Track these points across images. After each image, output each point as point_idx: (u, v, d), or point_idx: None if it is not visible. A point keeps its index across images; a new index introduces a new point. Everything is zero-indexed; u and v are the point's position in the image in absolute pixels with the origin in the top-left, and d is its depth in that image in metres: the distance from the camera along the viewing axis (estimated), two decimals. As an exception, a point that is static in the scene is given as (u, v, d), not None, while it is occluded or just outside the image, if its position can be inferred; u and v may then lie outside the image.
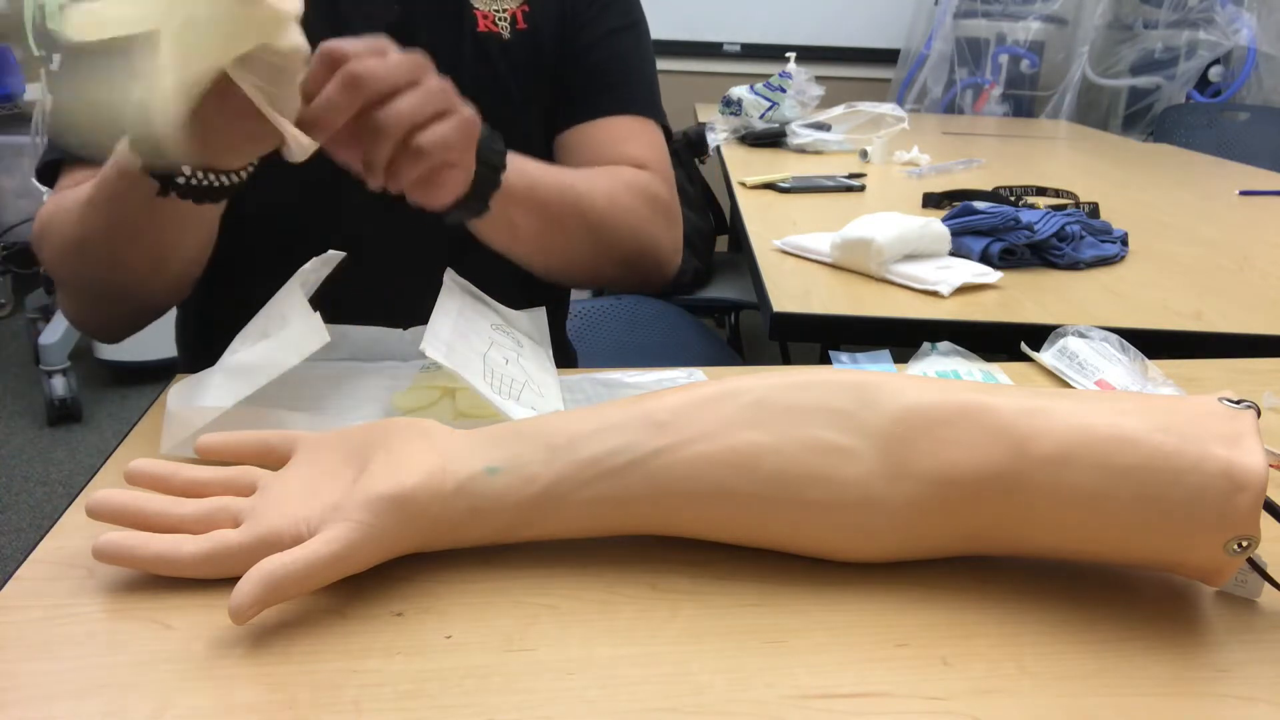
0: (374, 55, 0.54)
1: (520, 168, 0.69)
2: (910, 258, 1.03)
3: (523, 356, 0.63)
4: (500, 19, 0.85)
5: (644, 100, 0.90)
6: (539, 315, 0.70)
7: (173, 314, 0.99)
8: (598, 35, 0.88)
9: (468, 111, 0.58)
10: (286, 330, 0.56)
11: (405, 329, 0.68)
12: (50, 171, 0.78)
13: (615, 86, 0.88)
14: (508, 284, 0.91)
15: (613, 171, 0.83)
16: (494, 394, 0.55)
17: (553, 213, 0.74)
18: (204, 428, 0.54)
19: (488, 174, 0.64)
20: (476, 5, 0.84)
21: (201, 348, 0.93)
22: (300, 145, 0.52)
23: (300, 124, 0.53)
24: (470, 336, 0.60)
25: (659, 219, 0.84)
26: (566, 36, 0.88)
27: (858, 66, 3.44)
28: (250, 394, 0.54)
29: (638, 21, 0.92)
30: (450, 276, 0.63)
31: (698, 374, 0.68)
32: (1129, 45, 3.03)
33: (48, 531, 0.48)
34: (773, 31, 3.41)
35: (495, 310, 0.66)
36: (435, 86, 0.56)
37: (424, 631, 0.41)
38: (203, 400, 0.55)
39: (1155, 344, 0.75)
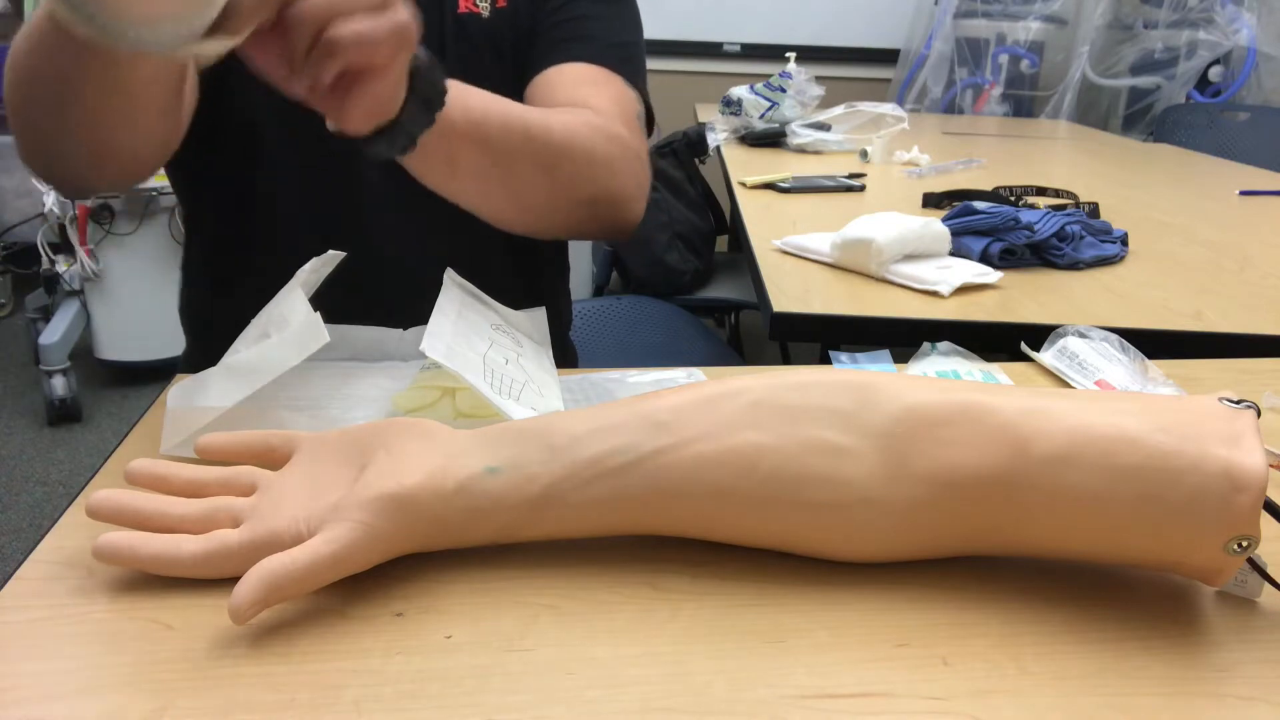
0: None
1: (463, 100, 0.63)
2: (910, 258, 1.03)
3: (523, 356, 0.63)
4: None
5: (610, 56, 0.84)
6: (539, 315, 0.70)
7: (175, 308, 0.99)
8: (567, 1, 0.85)
9: (405, 15, 0.51)
10: (287, 330, 0.56)
11: (405, 329, 0.68)
12: None
13: (579, 40, 0.83)
14: (510, 280, 0.92)
15: (571, 110, 0.77)
16: (494, 394, 0.55)
17: (499, 149, 0.67)
18: (204, 427, 0.54)
19: (419, 111, 0.58)
20: None
21: (204, 342, 0.93)
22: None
23: (224, 16, 0.45)
24: (470, 336, 0.60)
25: (621, 158, 0.78)
26: (538, 6, 0.86)
27: (858, 66, 3.44)
28: (250, 394, 0.54)
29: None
30: (450, 276, 0.63)
31: (698, 374, 0.68)
32: (1129, 45, 3.03)
33: (48, 531, 0.48)
34: (773, 31, 3.41)
35: (495, 310, 0.66)
36: None
37: (424, 631, 0.41)
38: (203, 400, 0.56)
39: (1155, 344, 0.75)
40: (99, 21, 0.42)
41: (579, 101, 0.80)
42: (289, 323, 0.57)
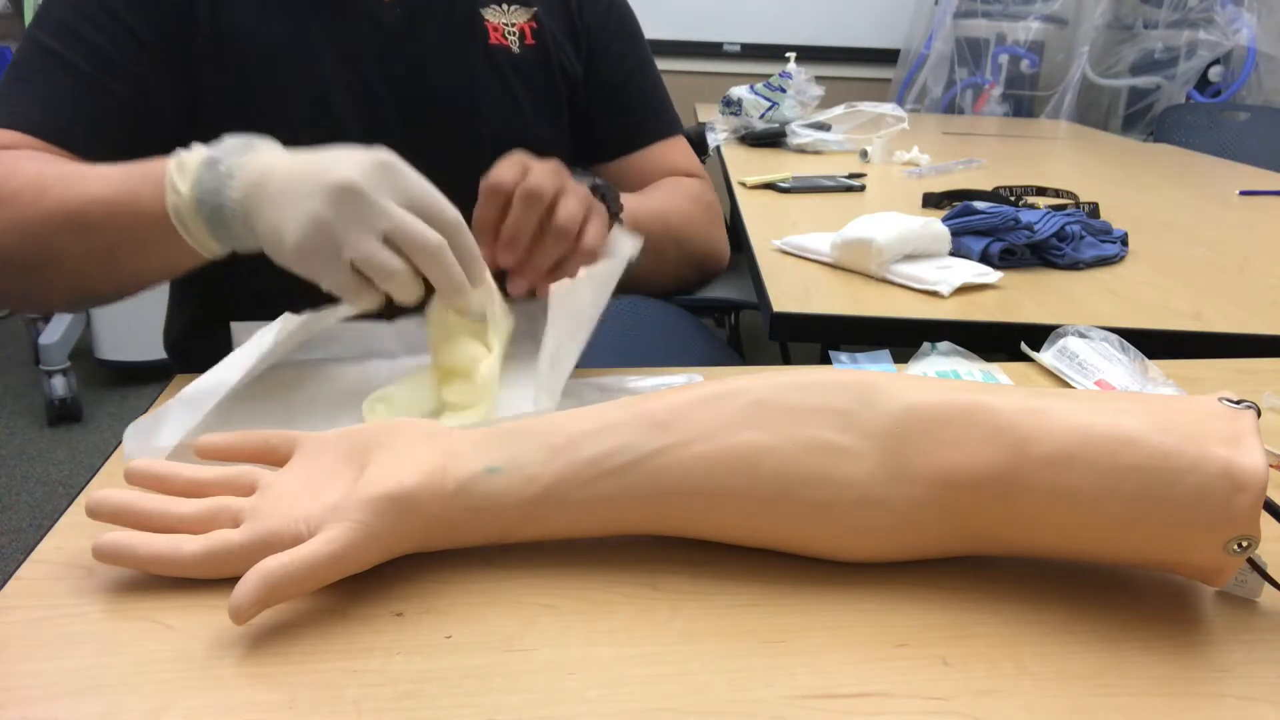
0: (522, 171, 0.63)
1: (628, 210, 0.75)
2: (910, 258, 1.03)
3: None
4: (509, 33, 0.88)
5: (675, 120, 1.01)
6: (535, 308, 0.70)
7: (161, 318, 0.99)
8: (625, 71, 0.96)
9: (584, 191, 0.66)
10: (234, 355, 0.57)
11: (391, 320, 0.67)
12: None
13: (654, 114, 0.99)
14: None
15: (675, 185, 0.94)
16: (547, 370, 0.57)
17: (654, 242, 0.79)
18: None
19: (616, 227, 0.72)
20: (488, 18, 0.86)
21: (192, 353, 0.93)
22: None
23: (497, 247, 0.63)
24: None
25: (716, 222, 0.96)
26: (587, 63, 0.93)
27: (858, 66, 3.44)
28: (203, 419, 0.54)
29: (644, 41, 0.99)
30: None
31: (697, 379, 0.67)
32: (1129, 45, 3.02)
33: (48, 531, 0.48)
34: (773, 31, 3.41)
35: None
36: (576, 188, 0.65)
37: (424, 631, 0.41)
38: (158, 438, 0.54)
39: (1155, 344, 0.75)
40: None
41: (672, 169, 0.97)
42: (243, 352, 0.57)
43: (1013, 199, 1.42)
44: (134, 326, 2.48)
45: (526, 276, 0.64)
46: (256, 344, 0.57)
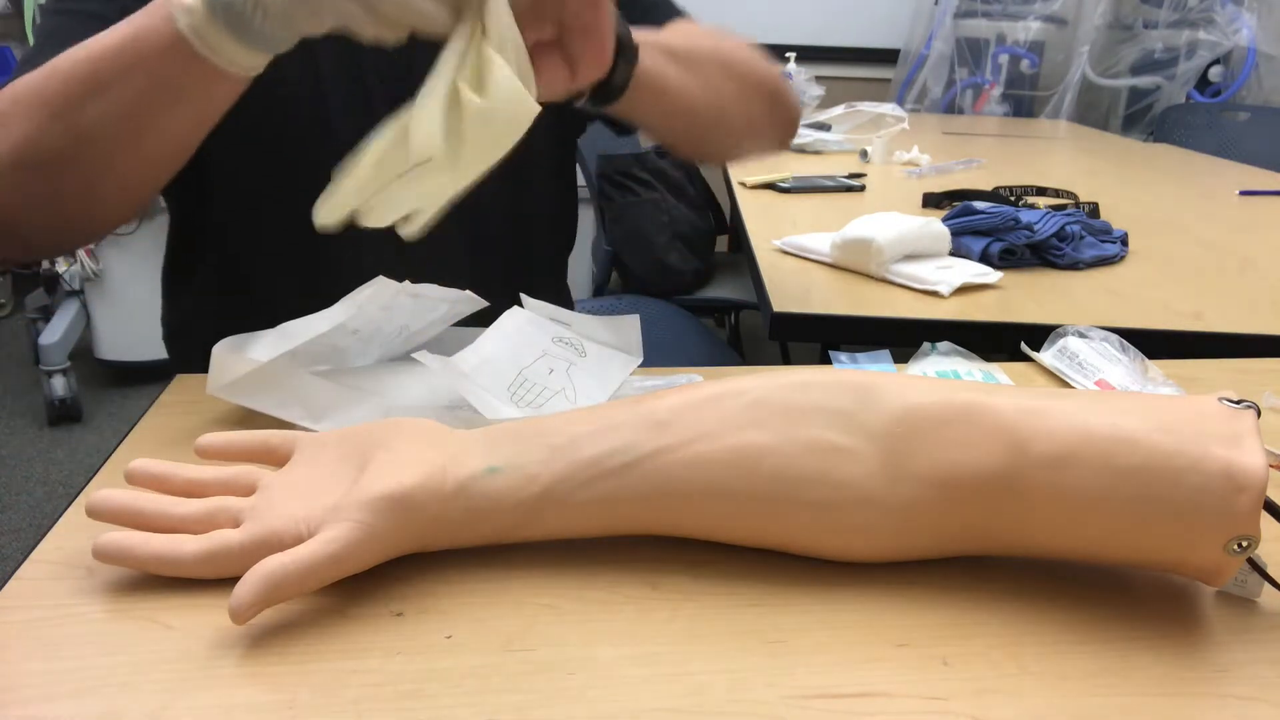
0: None
1: (640, 35, 0.68)
2: (910, 258, 1.03)
3: (575, 367, 0.62)
4: None
5: (680, 10, 0.91)
6: (625, 323, 0.68)
7: (160, 317, 0.99)
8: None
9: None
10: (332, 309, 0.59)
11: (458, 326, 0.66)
12: None
13: (656, 6, 0.89)
14: (502, 286, 0.92)
15: (708, 34, 0.84)
16: (482, 391, 0.55)
17: (690, 60, 0.74)
18: (244, 376, 0.56)
19: (626, 42, 0.65)
20: None
21: (191, 349, 0.93)
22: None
23: None
24: (511, 356, 0.60)
25: (764, 60, 0.86)
26: None
27: (858, 66, 3.44)
28: (291, 349, 0.57)
29: None
30: (525, 303, 0.64)
31: (697, 379, 0.67)
32: (1129, 45, 3.02)
33: (48, 531, 0.48)
34: (773, 31, 3.40)
35: (567, 324, 0.65)
36: None
37: (424, 631, 0.41)
38: (250, 351, 0.59)
39: (1155, 344, 0.75)
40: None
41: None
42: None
43: (1013, 199, 1.42)
44: (134, 326, 2.48)
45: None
46: (349, 302, 0.59)
